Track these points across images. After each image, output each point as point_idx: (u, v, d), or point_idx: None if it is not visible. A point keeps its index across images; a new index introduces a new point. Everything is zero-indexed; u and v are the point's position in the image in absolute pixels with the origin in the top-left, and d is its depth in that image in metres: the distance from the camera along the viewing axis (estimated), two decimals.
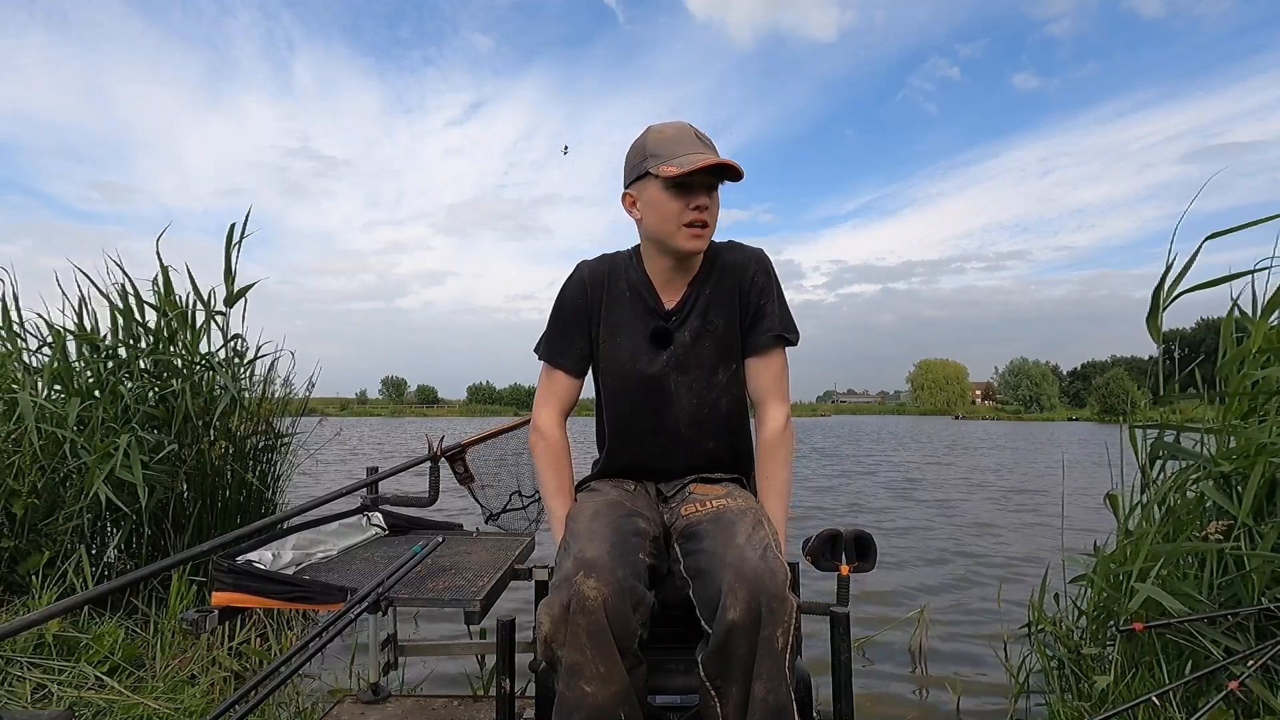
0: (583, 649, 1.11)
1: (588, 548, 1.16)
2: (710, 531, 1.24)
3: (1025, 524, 6.30)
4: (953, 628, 3.27)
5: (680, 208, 1.27)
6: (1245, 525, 1.87)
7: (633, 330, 1.38)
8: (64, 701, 1.95)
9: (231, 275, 3.35)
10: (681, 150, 1.26)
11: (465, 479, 2.04)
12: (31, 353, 3.27)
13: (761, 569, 1.12)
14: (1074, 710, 1.98)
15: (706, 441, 1.42)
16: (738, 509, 1.28)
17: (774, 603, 1.11)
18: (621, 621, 1.12)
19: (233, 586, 1.38)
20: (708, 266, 1.39)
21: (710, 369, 1.38)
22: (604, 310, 1.39)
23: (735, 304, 1.37)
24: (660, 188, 1.27)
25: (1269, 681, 1.68)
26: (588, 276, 1.41)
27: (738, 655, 1.12)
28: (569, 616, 1.11)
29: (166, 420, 3.04)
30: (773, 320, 1.37)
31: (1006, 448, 18.99)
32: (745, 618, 1.10)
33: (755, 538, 1.19)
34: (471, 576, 1.54)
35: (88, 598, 1.25)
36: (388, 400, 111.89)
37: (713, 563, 1.17)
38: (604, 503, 1.34)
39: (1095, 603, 2.23)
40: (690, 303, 1.38)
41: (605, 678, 1.11)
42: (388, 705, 1.75)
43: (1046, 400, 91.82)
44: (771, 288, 1.39)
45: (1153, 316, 2.21)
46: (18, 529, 2.69)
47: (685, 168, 1.23)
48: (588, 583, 1.11)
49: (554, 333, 1.42)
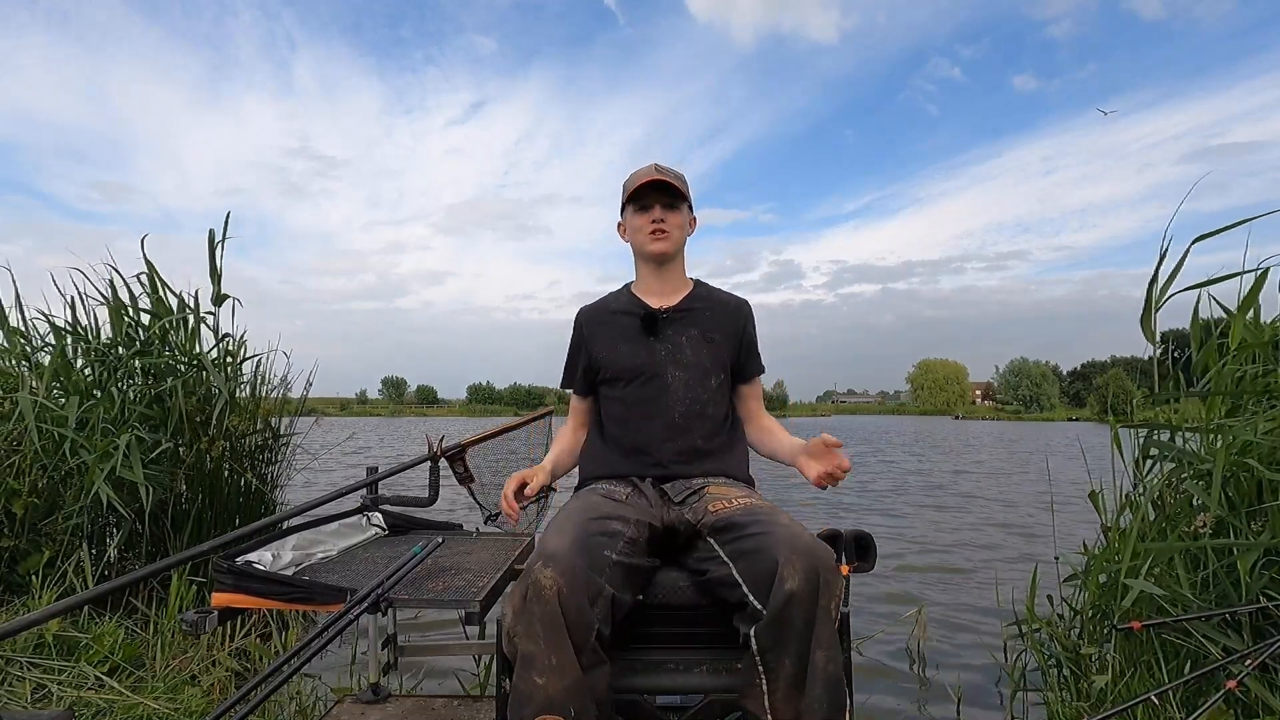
0: (536, 639, 1.11)
1: (551, 542, 1.20)
2: (751, 519, 1.29)
3: (1025, 524, 6.30)
4: (952, 627, 3.27)
5: (644, 220, 1.63)
6: (1219, 518, 1.89)
7: (627, 334, 1.64)
8: (64, 701, 1.95)
9: (217, 275, 3.37)
10: (640, 180, 1.63)
11: (465, 479, 2.04)
12: (34, 351, 3.28)
13: (815, 546, 1.19)
14: (1073, 710, 1.98)
15: (699, 434, 1.58)
16: (769, 507, 1.36)
17: (829, 575, 1.17)
18: (577, 612, 1.13)
19: (233, 587, 1.38)
20: (702, 292, 1.71)
21: (705, 371, 1.60)
22: (596, 334, 1.68)
23: (737, 335, 1.67)
24: (630, 210, 1.66)
25: (1267, 681, 1.68)
26: (581, 315, 1.74)
27: (794, 626, 1.14)
28: (525, 606, 1.13)
29: (163, 420, 3.05)
30: (758, 361, 1.72)
31: (1006, 448, 18.99)
32: (805, 587, 1.14)
33: (797, 524, 1.26)
34: (471, 577, 1.54)
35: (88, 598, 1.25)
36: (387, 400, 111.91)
37: (764, 542, 1.21)
38: (579, 507, 1.38)
39: (1090, 601, 2.23)
40: (683, 309, 1.65)
41: (557, 669, 1.10)
42: (388, 705, 1.75)
43: (1046, 400, 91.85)
44: (755, 331, 1.73)
45: (1146, 317, 2.23)
46: (18, 529, 2.69)
47: (633, 187, 1.63)
48: (545, 572, 1.14)
49: (568, 366, 1.76)
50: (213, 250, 3.36)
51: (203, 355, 3.29)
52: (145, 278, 3.31)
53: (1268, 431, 1.92)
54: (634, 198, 1.63)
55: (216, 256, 3.37)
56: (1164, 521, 2.11)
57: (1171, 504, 2.12)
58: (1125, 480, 2.31)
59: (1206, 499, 1.90)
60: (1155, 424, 2.27)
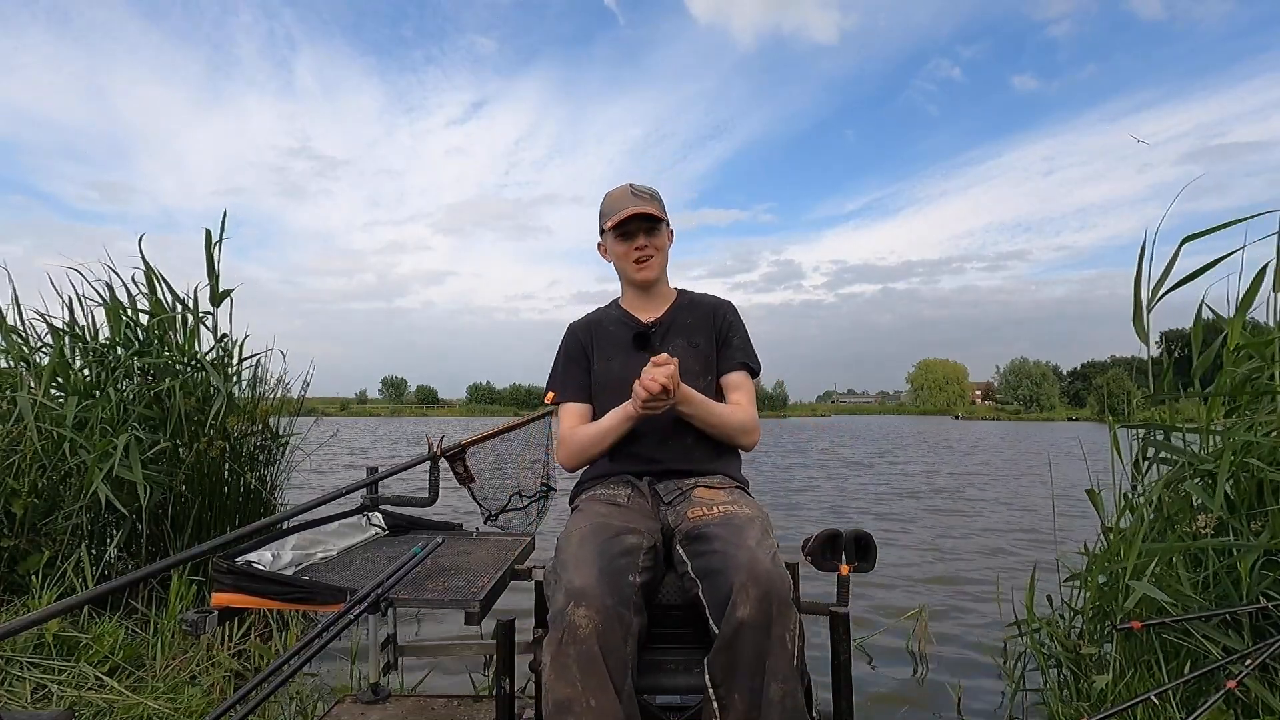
0: (573, 682, 1.07)
1: (575, 576, 1.16)
2: (720, 534, 1.25)
3: (1025, 523, 6.30)
4: (952, 628, 3.27)
5: (627, 248, 1.65)
6: (1220, 519, 1.88)
7: (621, 347, 1.69)
8: (64, 701, 1.95)
9: (215, 275, 3.37)
10: (620, 207, 1.62)
11: (465, 479, 2.03)
12: (32, 351, 3.28)
13: (774, 573, 1.14)
14: (1073, 710, 1.98)
15: (690, 436, 1.59)
16: (745, 516, 1.32)
17: (782, 605, 1.12)
18: (614, 653, 1.10)
19: (232, 587, 1.38)
20: (684, 301, 1.75)
21: (694, 376, 1.63)
22: (596, 346, 1.71)
23: (712, 332, 1.70)
24: (612, 237, 1.67)
25: (1267, 680, 1.68)
26: (578, 327, 1.77)
27: (744, 656, 1.11)
28: (561, 649, 1.09)
29: (162, 420, 3.04)
30: (737, 350, 1.69)
31: (1012, 448, 18.99)
32: (756, 616, 1.10)
33: (765, 544, 1.21)
34: (471, 577, 1.54)
35: (88, 598, 1.24)
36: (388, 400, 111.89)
37: (724, 563, 1.18)
38: (590, 527, 1.33)
39: (1090, 601, 2.23)
40: (669, 322, 1.70)
41: (597, 711, 1.06)
42: (388, 705, 1.75)
43: (1046, 400, 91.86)
44: (739, 325, 1.73)
45: (1138, 317, 2.23)
46: (18, 529, 2.69)
47: (615, 219, 1.62)
48: (578, 612, 1.11)
49: (564, 377, 1.73)
50: (210, 249, 3.36)
51: (200, 356, 3.28)
52: (143, 277, 3.31)
53: (1268, 432, 1.92)
54: (615, 226, 1.64)
55: (214, 255, 3.37)
56: (1163, 522, 2.11)
57: (1170, 504, 2.12)
58: (1125, 480, 2.31)
59: (1208, 500, 1.90)
60: (1153, 424, 2.27)
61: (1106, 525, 2.31)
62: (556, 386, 1.74)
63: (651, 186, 1.69)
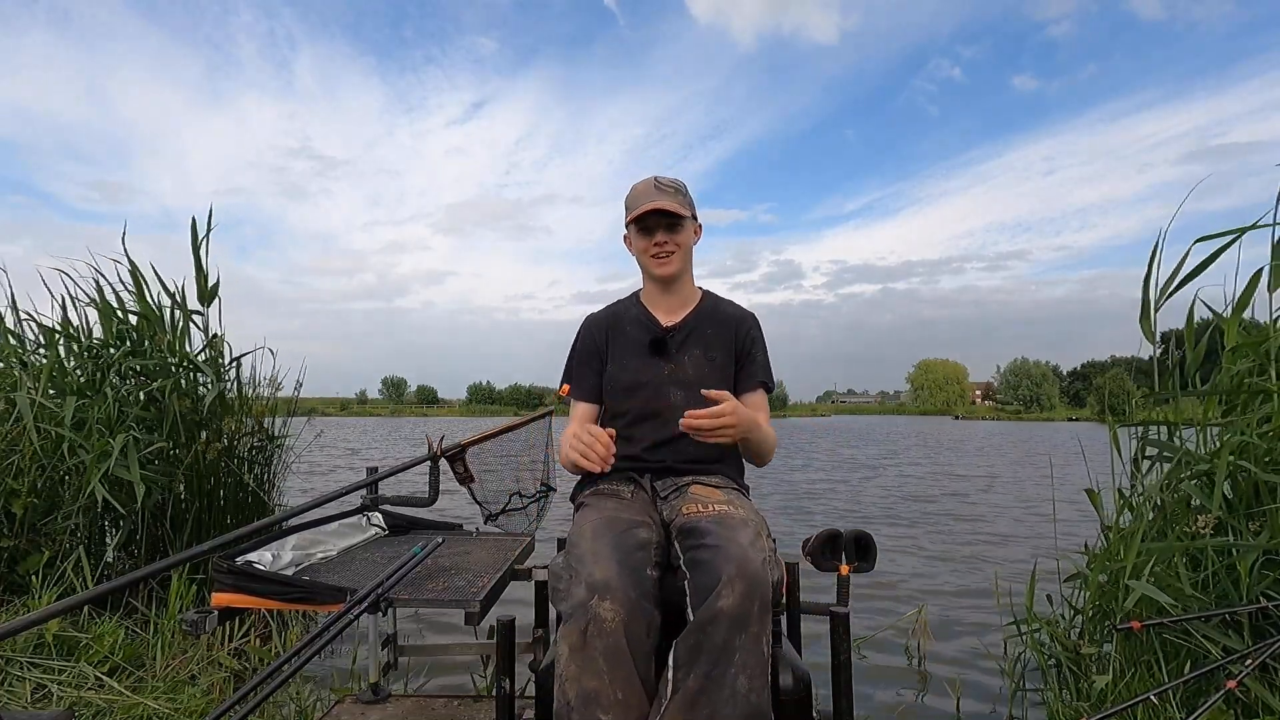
0: (599, 674, 1.06)
1: (596, 570, 1.15)
2: (714, 529, 1.25)
3: (1024, 523, 6.30)
4: (952, 627, 3.27)
5: (647, 243, 1.63)
6: (1219, 519, 1.89)
7: (636, 351, 1.65)
8: (64, 701, 1.95)
9: (203, 273, 3.34)
10: (642, 201, 1.60)
11: (465, 479, 2.03)
12: (29, 351, 3.28)
13: (762, 575, 1.13)
14: (1073, 709, 1.98)
15: (695, 446, 1.50)
16: (740, 517, 1.30)
17: (764, 609, 1.12)
18: (639, 645, 1.09)
19: (232, 587, 1.38)
20: (708, 306, 1.70)
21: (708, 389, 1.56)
22: (612, 346, 1.69)
23: (732, 348, 1.66)
24: (633, 231, 1.65)
25: (1267, 680, 1.68)
26: (595, 323, 1.74)
27: (713, 641, 1.08)
28: (586, 642, 1.08)
29: (158, 421, 3.04)
30: (758, 368, 1.66)
31: (1015, 448, 18.98)
32: (737, 609, 1.09)
33: (758, 545, 1.20)
34: (471, 577, 1.54)
35: (88, 598, 1.24)
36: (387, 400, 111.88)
37: (715, 555, 1.17)
38: (601, 521, 1.32)
39: (1090, 601, 2.23)
40: (689, 328, 1.66)
41: (623, 705, 1.05)
42: (388, 705, 1.75)
43: (1046, 400, 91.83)
44: (760, 342, 1.69)
45: (1145, 317, 2.23)
46: (18, 529, 2.69)
47: (635, 213, 1.60)
48: (603, 605, 1.09)
49: (577, 374, 1.72)
50: (196, 246, 3.31)
51: (191, 355, 3.26)
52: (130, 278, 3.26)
53: (1264, 433, 1.92)
54: (636, 219, 1.61)
55: (200, 253, 3.32)
56: (1162, 522, 2.11)
57: (1170, 504, 2.12)
58: (1125, 480, 2.32)
59: (1206, 500, 1.90)
60: (1152, 422, 2.27)
61: (1106, 525, 2.32)
62: (570, 381, 1.74)
63: (678, 180, 1.65)
